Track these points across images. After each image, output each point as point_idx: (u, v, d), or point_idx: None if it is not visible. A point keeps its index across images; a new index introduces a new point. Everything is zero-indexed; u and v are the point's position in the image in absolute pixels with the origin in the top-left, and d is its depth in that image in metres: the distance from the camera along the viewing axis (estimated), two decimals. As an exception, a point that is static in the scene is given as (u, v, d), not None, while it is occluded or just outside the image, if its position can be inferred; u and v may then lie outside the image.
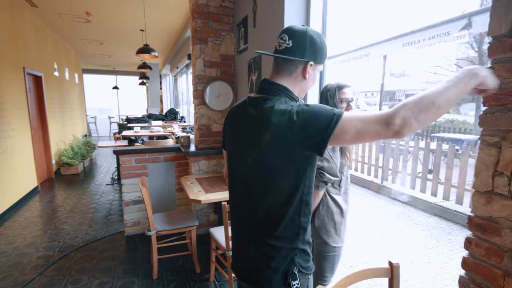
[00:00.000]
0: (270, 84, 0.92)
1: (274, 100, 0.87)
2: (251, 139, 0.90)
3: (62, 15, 4.89)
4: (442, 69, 10.81)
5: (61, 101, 6.26)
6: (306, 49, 0.88)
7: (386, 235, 3.29)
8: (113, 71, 12.03)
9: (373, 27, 13.35)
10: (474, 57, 9.13)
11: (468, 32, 3.83)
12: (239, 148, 0.97)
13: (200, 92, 2.88)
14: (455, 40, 4.00)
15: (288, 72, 0.91)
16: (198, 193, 2.15)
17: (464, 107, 14.03)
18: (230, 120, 1.04)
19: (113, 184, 4.85)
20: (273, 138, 0.83)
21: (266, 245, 0.90)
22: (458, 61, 10.90)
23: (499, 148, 0.87)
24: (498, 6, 0.84)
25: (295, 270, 0.90)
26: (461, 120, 12.14)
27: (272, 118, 0.82)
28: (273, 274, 0.90)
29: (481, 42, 8.04)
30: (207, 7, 2.77)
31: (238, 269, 1.00)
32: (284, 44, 0.89)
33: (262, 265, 0.91)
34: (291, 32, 0.89)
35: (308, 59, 0.89)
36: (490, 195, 0.89)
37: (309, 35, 0.88)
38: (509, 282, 0.85)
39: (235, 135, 0.99)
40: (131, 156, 2.86)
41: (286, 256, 0.90)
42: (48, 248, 2.71)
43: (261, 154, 0.87)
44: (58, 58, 6.22)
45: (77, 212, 3.62)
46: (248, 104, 0.94)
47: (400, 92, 18.63)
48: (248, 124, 0.91)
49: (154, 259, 2.21)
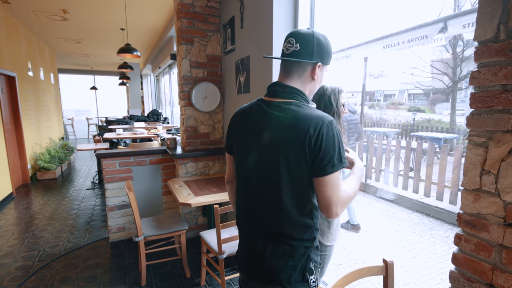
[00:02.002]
0: (285, 87, 0.93)
1: (299, 104, 0.91)
2: (274, 140, 0.89)
3: (36, 12, 4.66)
4: (418, 71, 11.26)
5: (36, 103, 5.97)
6: (314, 51, 0.91)
7: (372, 232, 3.38)
8: (91, 71, 11.61)
9: (354, 30, 13.68)
10: (449, 59, 9.55)
11: (444, 36, 4.00)
12: (256, 150, 0.94)
13: (186, 93, 2.83)
14: (432, 43, 4.17)
15: (298, 75, 0.93)
16: (188, 196, 2.11)
17: (438, 106, 14.67)
18: (241, 123, 1.01)
19: (94, 189, 4.68)
20: (297, 142, 0.85)
21: (285, 245, 0.93)
22: (433, 63, 11.37)
23: (486, 148, 0.91)
24: (483, 12, 0.88)
25: (311, 265, 0.95)
26: (436, 119, 12.69)
27: (304, 123, 0.85)
28: (292, 272, 0.93)
29: (455, 45, 8.43)
30: (193, 7, 2.73)
31: (250, 269, 1.00)
32: (292, 47, 0.91)
33: (280, 264, 0.93)
34: (298, 35, 0.91)
35: (316, 61, 0.92)
36: (478, 192, 0.94)
37: (315, 37, 0.91)
38: (497, 275, 0.89)
39: (250, 138, 0.96)
40: (115, 160, 2.77)
41: (303, 254, 0.94)
42: (27, 258, 2.57)
43: (283, 155, 0.87)
44: (32, 58, 5.93)
45: (56, 219, 3.46)
46: (266, 107, 0.93)
47: (379, 92, 19.20)
48: (271, 126, 0.90)
49: (143, 266, 2.15)
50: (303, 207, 0.93)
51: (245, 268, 1.02)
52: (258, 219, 0.97)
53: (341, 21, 9.97)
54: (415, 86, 11.85)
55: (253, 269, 0.99)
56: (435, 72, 11.21)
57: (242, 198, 1.02)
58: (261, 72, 2.16)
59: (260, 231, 0.96)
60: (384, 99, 18.92)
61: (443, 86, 10.48)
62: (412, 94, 17.89)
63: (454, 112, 8.65)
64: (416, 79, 11.54)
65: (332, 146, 0.85)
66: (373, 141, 5.29)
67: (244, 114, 1.01)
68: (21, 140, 4.94)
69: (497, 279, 0.90)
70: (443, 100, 13.91)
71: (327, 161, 0.85)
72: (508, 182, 0.86)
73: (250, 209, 0.99)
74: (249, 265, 1.00)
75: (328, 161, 0.85)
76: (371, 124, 12.83)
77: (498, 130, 0.87)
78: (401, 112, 15.30)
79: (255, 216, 0.98)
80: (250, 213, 1.00)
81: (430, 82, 12.03)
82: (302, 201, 0.92)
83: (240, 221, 1.05)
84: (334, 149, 0.86)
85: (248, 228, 1.01)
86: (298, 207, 0.92)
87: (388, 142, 5.08)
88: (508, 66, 0.84)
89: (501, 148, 0.87)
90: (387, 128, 10.62)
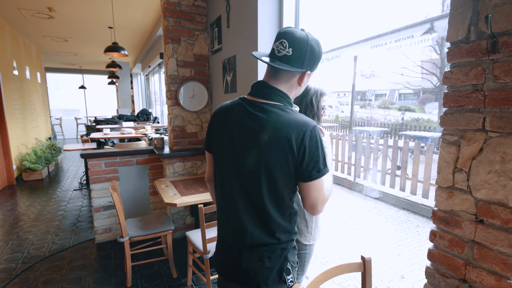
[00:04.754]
0: (271, 89, 0.91)
1: (283, 107, 0.89)
2: (256, 142, 0.87)
3: (21, 10, 4.55)
4: (408, 71, 11.43)
5: (22, 102, 5.84)
6: (305, 59, 0.88)
7: (359, 230, 3.42)
8: (79, 69, 11.40)
9: (343, 30, 13.82)
10: (437, 59, 9.72)
11: (431, 37, 4.07)
12: (236, 149, 0.91)
13: (173, 93, 2.81)
14: (418, 44, 4.24)
15: (285, 79, 0.91)
16: (174, 196, 2.10)
17: (428, 106, 14.92)
18: (221, 121, 0.97)
19: (82, 189, 4.61)
20: (278, 146, 0.84)
21: (262, 246, 0.92)
22: (422, 63, 11.56)
23: (458, 146, 0.93)
24: (455, 14, 0.91)
25: (288, 265, 0.95)
26: (425, 119, 12.90)
27: (288, 130, 0.84)
28: (269, 274, 0.92)
29: (443, 46, 8.59)
30: (179, 5, 2.71)
31: (227, 269, 0.99)
32: (284, 51, 0.87)
33: (257, 265, 0.92)
34: (292, 38, 0.87)
35: (306, 69, 0.90)
36: (451, 190, 0.96)
37: (309, 45, 0.88)
38: (470, 271, 0.92)
39: (232, 136, 0.92)
40: (100, 160, 2.74)
41: (280, 255, 0.93)
42: (10, 260, 2.52)
43: (264, 158, 0.86)
44: (18, 56, 5.79)
45: (42, 220, 3.40)
46: (249, 106, 0.91)
47: (370, 92, 19.42)
48: (253, 127, 0.88)
49: (128, 266, 2.13)
50: (283, 211, 0.92)
51: (222, 270, 1.01)
52: (234, 219, 0.95)
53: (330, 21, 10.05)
54: (404, 86, 12.02)
55: (230, 271, 0.98)
56: (424, 72, 11.40)
57: (221, 197, 1.00)
58: (247, 71, 2.16)
59: (237, 232, 0.95)
60: (376, 98, 19.14)
61: (432, 86, 10.66)
62: (402, 94, 18.15)
63: (441, 111, 8.81)
64: (406, 79, 11.72)
65: (316, 152, 0.85)
66: (361, 140, 5.35)
67: (224, 113, 0.97)
68: (5, 140, 4.82)
69: (469, 274, 0.92)
70: (433, 99, 14.16)
71: (312, 167, 0.85)
72: (479, 179, 0.88)
73: (229, 208, 0.98)
74: (227, 269, 0.99)
75: (313, 167, 0.85)
76: (361, 123, 12.96)
77: (469, 129, 0.90)
78: (391, 112, 15.51)
79: (231, 217, 0.97)
80: (227, 213, 0.99)
81: (419, 82, 12.23)
82: (282, 205, 0.92)
83: (220, 220, 1.04)
84: (319, 155, 0.86)
85: (226, 229, 1.01)
86: (278, 211, 0.91)
87: (375, 141, 5.15)
88: (478, 66, 0.86)
89: (472, 147, 0.89)
90: (376, 127, 10.74)
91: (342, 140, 5.71)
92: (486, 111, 0.85)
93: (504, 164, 0.81)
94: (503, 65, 0.80)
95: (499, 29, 0.80)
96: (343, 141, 5.68)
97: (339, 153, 5.79)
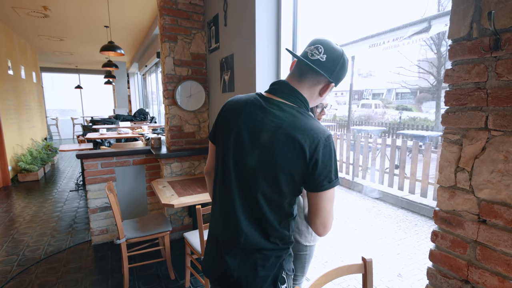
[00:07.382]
0: (292, 90, 0.88)
1: (300, 111, 0.86)
2: (266, 139, 0.83)
3: (15, 9, 4.49)
4: (405, 70, 11.44)
5: (17, 102, 5.77)
6: (336, 70, 0.87)
7: (358, 230, 3.41)
8: (75, 69, 11.32)
9: (341, 29, 13.80)
10: (433, 59, 9.74)
11: (429, 36, 4.07)
12: (244, 144, 0.86)
13: (170, 92, 2.78)
14: (415, 43, 4.23)
15: (310, 84, 0.89)
16: (171, 197, 2.08)
17: (425, 105, 14.98)
18: (233, 113, 0.91)
19: (78, 190, 4.57)
20: (289, 148, 0.81)
21: (256, 253, 0.88)
22: (419, 62, 11.58)
23: (460, 145, 0.91)
24: (457, 10, 0.89)
25: (283, 274, 0.91)
26: (423, 118, 12.94)
27: (302, 134, 0.81)
28: (263, 283, 0.88)
29: (439, 45, 8.61)
30: (176, 4, 2.68)
31: (218, 276, 0.93)
32: (318, 56, 0.85)
33: (251, 274, 0.88)
34: (328, 47, 0.86)
35: (332, 80, 0.89)
36: (453, 189, 0.94)
37: (343, 58, 0.88)
38: (472, 271, 0.90)
39: (241, 129, 0.87)
40: (96, 160, 2.70)
41: (275, 263, 0.90)
42: (5, 263, 2.48)
43: (272, 156, 0.82)
44: (13, 55, 5.73)
45: (38, 221, 3.36)
46: (266, 103, 0.88)
47: (368, 91, 19.45)
48: (266, 123, 0.84)
49: (125, 268, 2.10)
50: (281, 215, 0.89)
51: (211, 275, 0.96)
52: (229, 217, 0.90)
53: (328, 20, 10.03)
54: (401, 85, 12.05)
55: (220, 277, 0.93)
56: (421, 72, 11.42)
57: (217, 192, 0.95)
58: (245, 70, 2.14)
59: (231, 232, 0.90)
60: (373, 97, 19.18)
61: (429, 85, 10.69)
62: (399, 93, 18.20)
63: (439, 110, 8.85)
64: (403, 78, 11.73)
65: (329, 162, 0.82)
66: (359, 139, 5.35)
67: (238, 105, 0.91)
68: (0, 141, 4.77)
69: (472, 275, 0.91)
70: (429, 99, 14.21)
71: (324, 177, 0.82)
72: (482, 179, 0.86)
73: (224, 205, 0.92)
74: (217, 274, 0.93)
75: (325, 177, 0.82)
76: (359, 122, 12.99)
77: (472, 128, 0.88)
78: (388, 111, 15.55)
79: (226, 213, 0.91)
80: (223, 209, 0.93)
81: (416, 81, 12.26)
82: (281, 208, 0.88)
83: (213, 219, 0.98)
84: (331, 165, 0.83)
85: (219, 227, 0.95)
86: (276, 214, 0.88)
87: (374, 140, 5.14)
88: (480, 64, 0.85)
89: (475, 146, 0.87)
90: (374, 126, 10.77)
91: (340, 139, 5.71)
92: (489, 110, 0.84)
93: (508, 163, 0.80)
94: (506, 62, 0.79)
95: (502, 25, 0.78)
96: (341, 140, 5.68)
97: (337, 152, 5.78)
